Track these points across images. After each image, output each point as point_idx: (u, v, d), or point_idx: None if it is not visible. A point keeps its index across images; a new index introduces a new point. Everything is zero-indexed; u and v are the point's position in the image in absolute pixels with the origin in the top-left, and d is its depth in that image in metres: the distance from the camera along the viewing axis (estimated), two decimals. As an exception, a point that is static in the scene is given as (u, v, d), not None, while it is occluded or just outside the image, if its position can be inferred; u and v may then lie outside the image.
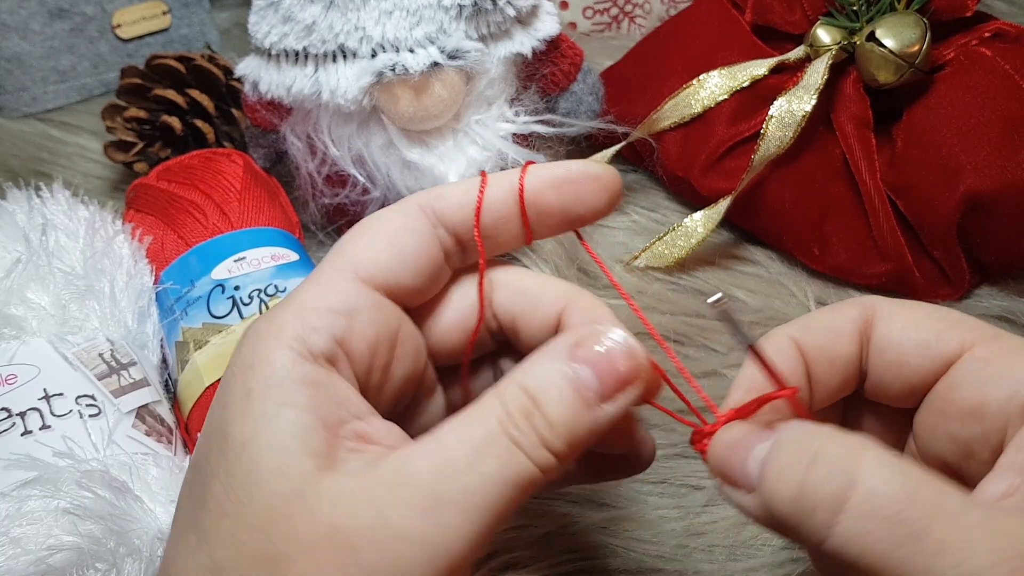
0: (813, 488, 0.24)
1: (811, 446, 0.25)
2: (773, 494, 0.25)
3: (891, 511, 0.23)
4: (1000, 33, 0.54)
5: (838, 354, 0.30)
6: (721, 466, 0.28)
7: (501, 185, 0.32)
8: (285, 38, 0.50)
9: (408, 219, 0.31)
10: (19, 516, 0.35)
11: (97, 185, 0.67)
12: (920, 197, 0.53)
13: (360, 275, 0.30)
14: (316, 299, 0.29)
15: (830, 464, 0.24)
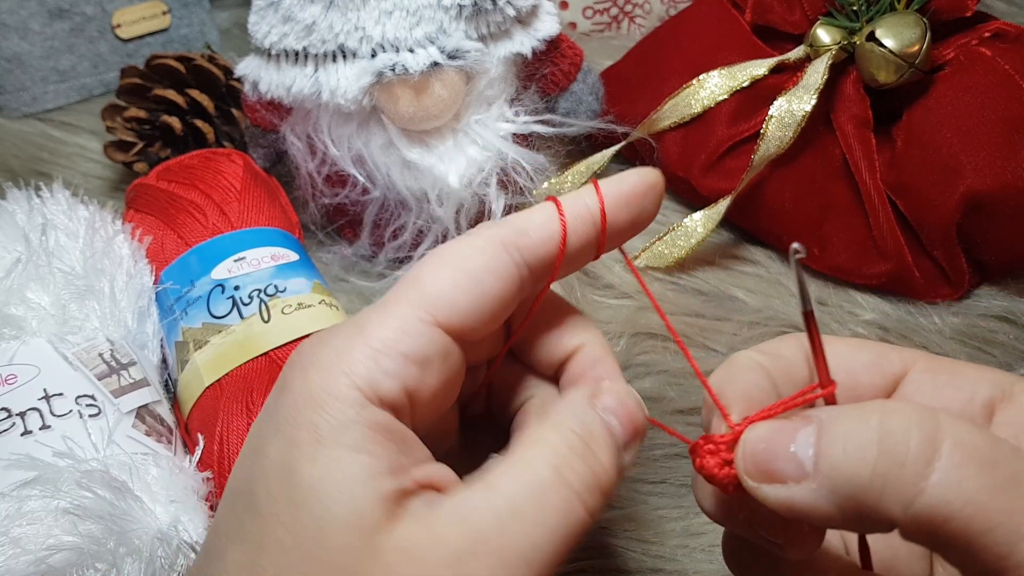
0: (896, 441, 0.22)
1: (873, 407, 0.24)
2: (844, 464, 0.23)
3: (985, 456, 0.22)
4: (1000, 33, 0.54)
5: (799, 378, 0.30)
6: (760, 463, 0.25)
7: (578, 210, 0.31)
8: (285, 38, 0.50)
9: (492, 259, 0.29)
10: (19, 516, 0.35)
11: (97, 185, 0.67)
12: (920, 197, 0.53)
13: (438, 318, 0.28)
14: (390, 339, 0.27)
15: (908, 415, 0.23)
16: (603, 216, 0.31)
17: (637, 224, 0.33)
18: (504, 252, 0.29)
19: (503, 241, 0.29)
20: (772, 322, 0.54)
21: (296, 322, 0.46)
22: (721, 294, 0.57)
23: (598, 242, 0.31)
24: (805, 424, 0.25)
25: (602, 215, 0.31)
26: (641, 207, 0.32)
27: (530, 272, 0.30)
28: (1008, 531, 0.21)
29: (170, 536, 0.37)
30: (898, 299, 0.55)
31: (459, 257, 0.29)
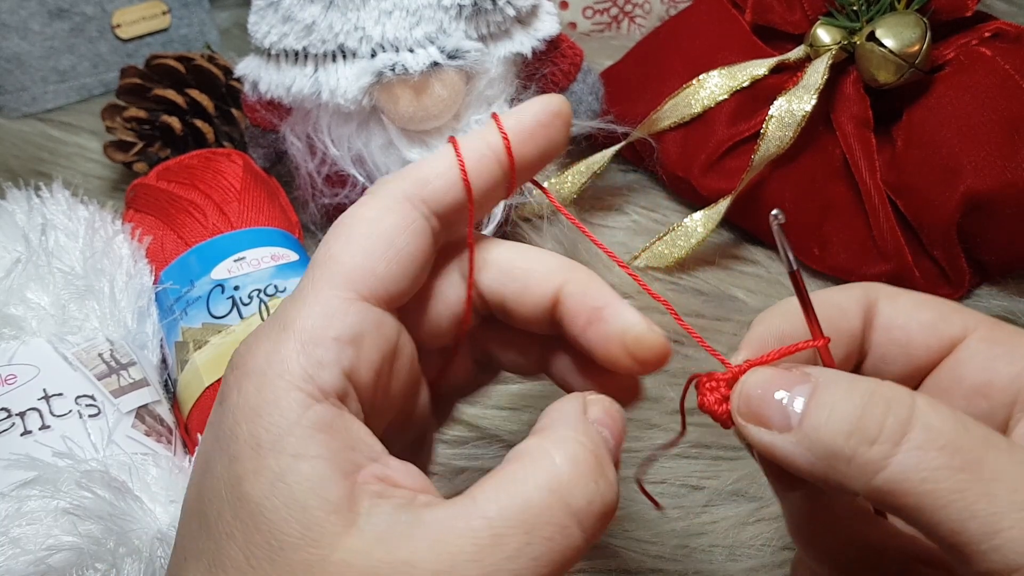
0: (873, 421, 0.24)
1: (863, 385, 0.25)
2: (824, 429, 0.25)
3: (949, 441, 0.24)
4: (1000, 33, 0.54)
5: (843, 328, 0.30)
6: (752, 406, 0.27)
7: (479, 149, 0.29)
8: (285, 38, 0.50)
9: (400, 217, 0.28)
10: (19, 516, 0.35)
11: (97, 185, 0.67)
12: (920, 197, 0.53)
13: (360, 292, 0.27)
14: (317, 327, 0.26)
15: (889, 399, 0.25)
16: (509, 152, 0.29)
17: (546, 155, 0.31)
18: (410, 207, 0.28)
19: (406, 196, 0.28)
20: (772, 322, 0.54)
21: (296, 322, 0.46)
22: (721, 294, 0.57)
23: (507, 179, 0.30)
24: (803, 381, 0.26)
25: (508, 151, 0.29)
26: (547, 137, 0.30)
27: (440, 221, 0.29)
28: (959, 508, 0.23)
29: (170, 536, 0.37)
30: (898, 299, 0.55)
31: (366, 223, 0.28)
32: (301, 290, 0.27)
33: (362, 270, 0.27)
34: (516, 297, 0.30)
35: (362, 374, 0.27)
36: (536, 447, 0.26)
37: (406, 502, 0.25)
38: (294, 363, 0.25)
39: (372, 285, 0.27)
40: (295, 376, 0.25)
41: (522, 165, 0.30)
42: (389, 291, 0.28)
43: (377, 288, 0.27)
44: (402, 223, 0.28)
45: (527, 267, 0.31)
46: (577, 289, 0.30)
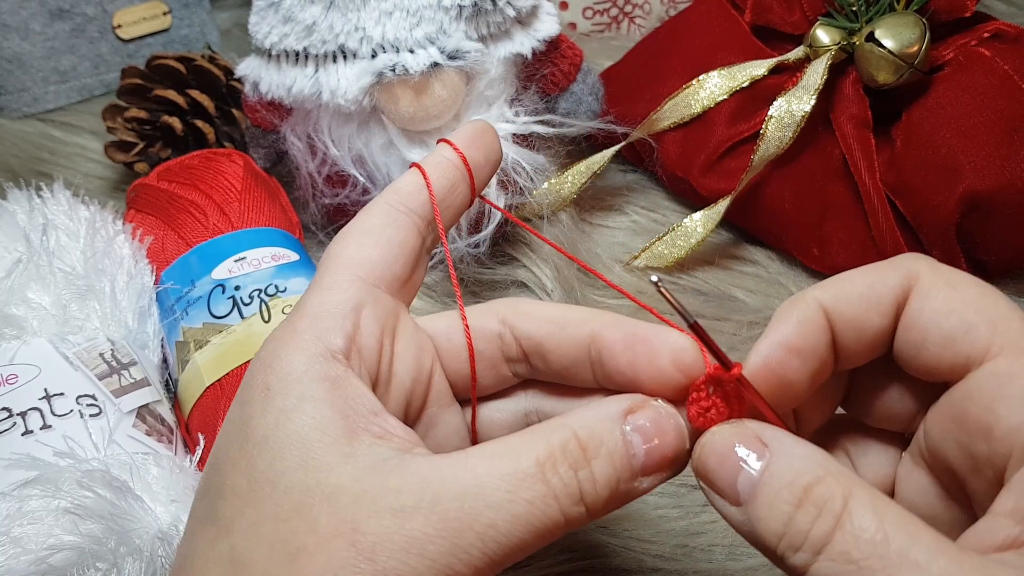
0: (800, 528, 0.25)
1: (802, 481, 0.25)
2: (761, 523, 0.26)
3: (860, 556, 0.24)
4: (999, 33, 0.54)
5: (870, 326, 0.29)
6: (707, 473, 0.28)
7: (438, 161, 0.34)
8: (285, 38, 0.50)
9: (383, 216, 0.32)
10: (20, 516, 0.35)
11: (98, 185, 0.67)
12: (919, 197, 0.53)
13: (358, 274, 0.31)
14: (325, 301, 0.30)
15: (820, 505, 0.25)
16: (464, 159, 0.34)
17: (491, 161, 0.36)
18: (392, 208, 0.33)
19: (387, 201, 0.33)
20: (772, 322, 0.54)
21: (296, 322, 0.46)
22: (721, 294, 0.57)
23: (468, 185, 0.35)
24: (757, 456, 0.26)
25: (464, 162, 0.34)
26: (488, 145, 0.35)
27: (422, 218, 0.33)
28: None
29: (171, 535, 0.37)
30: (898, 299, 0.55)
31: (357, 226, 0.32)
32: (310, 285, 0.31)
33: (358, 257, 0.31)
34: (553, 339, 0.33)
35: (364, 339, 0.30)
36: (538, 427, 0.28)
37: (402, 448, 0.27)
38: (304, 330, 0.29)
39: (367, 268, 0.31)
40: (303, 340, 0.28)
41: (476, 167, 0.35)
42: (385, 274, 0.32)
43: (373, 271, 0.31)
44: (386, 220, 0.32)
45: (562, 314, 0.33)
46: (612, 322, 0.32)
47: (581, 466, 0.26)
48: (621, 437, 0.27)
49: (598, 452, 0.27)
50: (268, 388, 0.27)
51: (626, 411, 0.28)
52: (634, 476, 0.28)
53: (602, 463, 0.27)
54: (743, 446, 0.27)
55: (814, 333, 0.29)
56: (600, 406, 0.28)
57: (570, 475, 0.26)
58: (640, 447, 0.28)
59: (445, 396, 0.34)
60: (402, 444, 0.27)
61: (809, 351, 0.28)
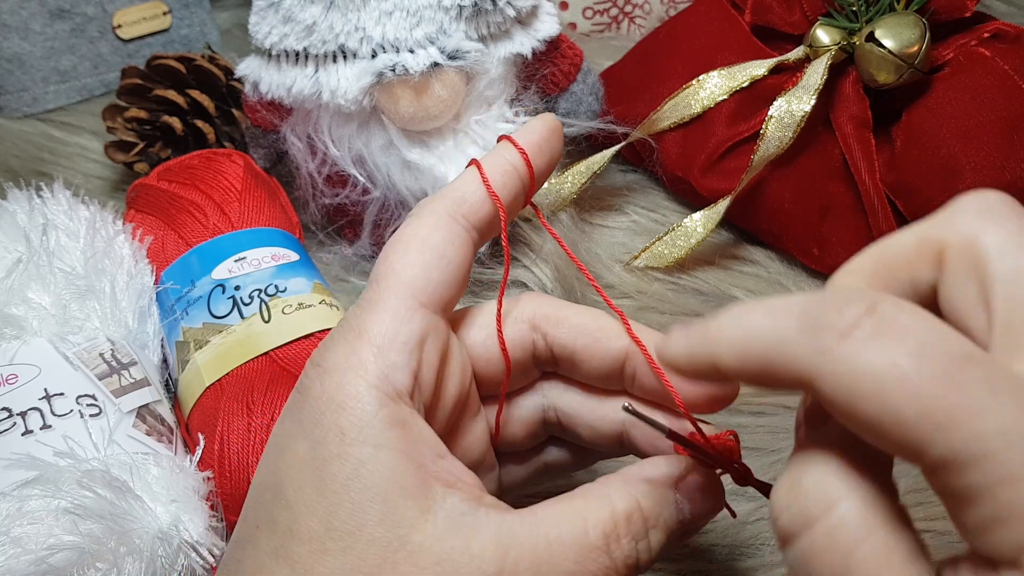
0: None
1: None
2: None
3: None
4: (999, 33, 0.54)
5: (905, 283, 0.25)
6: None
7: (502, 167, 0.33)
8: (285, 38, 0.50)
9: (447, 232, 0.31)
10: (20, 516, 0.35)
11: (98, 185, 0.67)
12: (919, 197, 0.53)
13: (420, 299, 0.30)
14: (390, 333, 0.29)
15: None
16: (529, 167, 0.33)
17: (551, 165, 0.35)
18: (454, 223, 0.32)
19: (450, 213, 0.32)
20: (772, 322, 0.54)
21: (297, 322, 0.46)
22: (721, 294, 0.57)
23: (525, 191, 0.34)
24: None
25: (528, 167, 0.33)
26: (552, 149, 0.35)
27: (478, 233, 0.33)
28: None
29: (171, 536, 0.37)
30: (897, 299, 0.55)
31: (419, 239, 0.31)
32: (369, 301, 0.30)
33: (421, 280, 0.30)
34: (588, 350, 0.33)
35: (425, 375, 0.30)
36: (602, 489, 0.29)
37: (473, 497, 0.27)
38: (371, 365, 0.28)
39: (430, 293, 0.30)
40: (372, 376, 0.28)
41: (537, 177, 0.34)
42: (443, 298, 0.31)
43: (433, 296, 0.30)
44: (449, 237, 0.31)
45: (596, 324, 0.33)
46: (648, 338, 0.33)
47: (641, 537, 0.28)
48: (675, 505, 0.29)
49: (657, 523, 0.29)
50: (343, 432, 0.27)
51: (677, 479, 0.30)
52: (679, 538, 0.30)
53: (659, 533, 0.29)
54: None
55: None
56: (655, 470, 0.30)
57: (631, 546, 0.28)
58: (687, 512, 0.30)
59: (475, 406, 0.34)
60: (471, 492, 0.28)
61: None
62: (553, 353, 0.34)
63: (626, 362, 0.33)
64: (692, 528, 0.30)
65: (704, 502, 0.30)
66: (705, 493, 0.30)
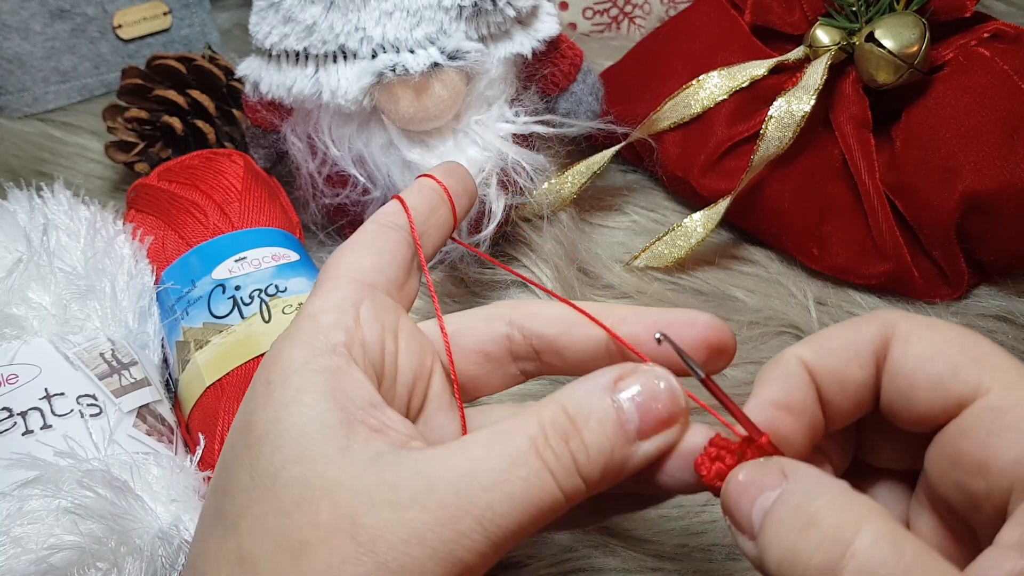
0: (804, 555, 0.23)
1: (810, 507, 0.24)
2: (767, 550, 0.25)
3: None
4: (999, 33, 0.54)
5: (851, 378, 0.28)
6: (729, 508, 0.27)
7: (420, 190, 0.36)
8: (286, 39, 0.50)
9: (375, 231, 0.34)
10: (20, 515, 0.35)
11: (98, 185, 0.67)
12: (919, 197, 0.53)
13: (355, 276, 0.32)
14: (324, 300, 0.31)
15: (825, 532, 0.23)
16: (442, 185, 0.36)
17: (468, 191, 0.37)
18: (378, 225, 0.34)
19: (374, 220, 0.34)
20: (772, 322, 0.54)
21: (297, 322, 0.46)
22: (721, 294, 0.57)
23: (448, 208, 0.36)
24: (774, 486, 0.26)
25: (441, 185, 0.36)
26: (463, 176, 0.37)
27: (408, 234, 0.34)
28: None
29: (171, 535, 0.37)
30: (897, 299, 0.56)
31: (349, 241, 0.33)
32: (312, 290, 0.32)
33: (354, 264, 0.32)
34: (567, 335, 0.33)
35: (366, 334, 0.30)
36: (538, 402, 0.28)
37: (399, 442, 0.27)
38: (305, 329, 0.29)
39: (362, 272, 0.32)
40: (305, 335, 0.29)
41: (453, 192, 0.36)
42: (378, 277, 0.32)
43: (368, 274, 0.32)
44: (377, 232, 0.33)
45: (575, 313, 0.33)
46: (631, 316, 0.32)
47: (571, 436, 0.26)
48: (611, 405, 0.27)
49: (587, 422, 0.27)
50: (269, 382, 0.28)
51: (615, 379, 0.28)
52: (630, 441, 0.27)
53: (593, 432, 0.27)
54: (763, 479, 0.26)
55: (799, 388, 0.28)
56: (589, 379, 0.28)
57: (561, 447, 0.26)
58: (633, 412, 0.27)
59: (444, 398, 0.34)
60: (398, 439, 0.27)
61: (799, 406, 0.28)
62: (532, 346, 0.34)
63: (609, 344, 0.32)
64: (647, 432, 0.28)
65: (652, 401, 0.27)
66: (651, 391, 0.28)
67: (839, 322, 0.29)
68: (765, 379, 0.29)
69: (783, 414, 0.28)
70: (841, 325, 0.29)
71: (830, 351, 0.28)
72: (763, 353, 0.53)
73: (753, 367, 0.52)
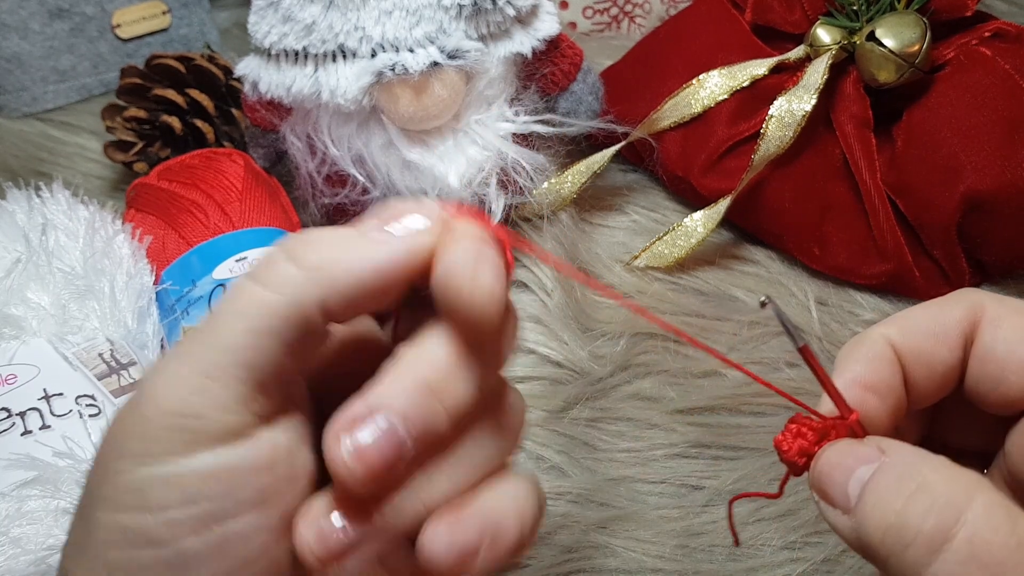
0: (914, 520, 0.23)
1: (918, 475, 0.23)
2: (868, 519, 0.24)
3: (995, 560, 0.21)
4: (1000, 33, 0.54)
5: (939, 360, 0.27)
6: (821, 482, 0.26)
7: None
8: (285, 38, 0.50)
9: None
10: (19, 516, 0.35)
11: (97, 185, 0.67)
12: (920, 197, 0.53)
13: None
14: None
15: (936, 497, 0.23)
16: None
17: None
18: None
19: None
20: (772, 322, 0.54)
21: (296, 322, 0.46)
22: (721, 294, 0.57)
23: None
24: (871, 460, 0.25)
25: None
26: None
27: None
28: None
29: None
30: (898, 299, 0.55)
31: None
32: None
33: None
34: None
35: None
36: None
37: None
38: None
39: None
40: None
41: None
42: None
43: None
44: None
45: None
46: None
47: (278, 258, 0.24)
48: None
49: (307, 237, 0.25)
50: None
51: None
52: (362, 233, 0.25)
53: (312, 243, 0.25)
54: (860, 452, 0.25)
55: (887, 369, 0.27)
56: None
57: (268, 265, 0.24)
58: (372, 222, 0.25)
59: None
60: None
61: (884, 387, 0.27)
62: None
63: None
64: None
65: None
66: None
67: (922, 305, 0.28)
68: (851, 358, 0.28)
69: (868, 394, 0.27)
70: (927, 305, 0.28)
71: (918, 331, 0.28)
72: (763, 353, 0.53)
73: (754, 367, 0.51)
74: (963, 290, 0.28)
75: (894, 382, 0.27)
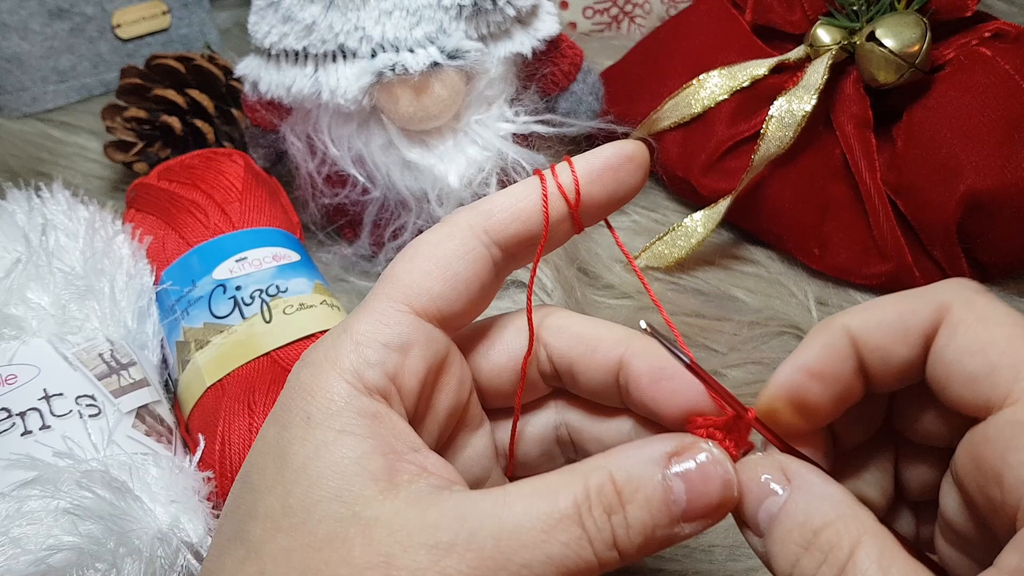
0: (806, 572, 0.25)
1: (813, 523, 0.25)
2: (776, 557, 0.26)
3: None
4: (1000, 33, 0.54)
5: (896, 355, 0.28)
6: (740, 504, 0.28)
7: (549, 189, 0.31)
8: (285, 38, 0.50)
9: (460, 243, 0.30)
10: (19, 516, 0.35)
11: (97, 185, 0.67)
12: (920, 197, 0.53)
13: (414, 306, 0.30)
14: (371, 331, 0.29)
15: (825, 551, 0.25)
16: (577, 194, 0.31)
17: (615, 199, 0.32)
18: (472, 235, 0.30)
19: (470, 225, 0.30)
20: (772, 322, 0.54)
21: (298, 322, 0.46)
22: (721, 294, 0.57)
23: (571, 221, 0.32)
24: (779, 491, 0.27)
25: (576, 193, 0.31)
26: (616, 180, 0.32)
27: (503, 251, 0.31)
28: None
29: (170, 536, 0.37)
30: (898, 299, 0.55)
31: (429, 247, 0.30)
32: (365, 300, 0.30)
33: (417, 288, 0.30)
34: (584, 360, 0.32)
35: (406, 380, 0.29)
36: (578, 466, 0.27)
37: (442, 485, 0.27)
38: (346, 359, 0.28)
39: (425, 302, 0.30)
40: (345, 368, 0.28)
41: (589, 205, 0.32)
42: (442, 310, 0.30)
43: (430, 306, 0.30)
44: (461, 249, 0.30)
45: (594, 333, 0.32)
46: (641, 351, 0.31)
47: (615, 511, 0.26)
48: (660, 482, 0.26)
49: (634, 497, 0.26)
50: (309, 417, 0.27)
51: (670, 454, 0.27)
52: (674, 522, 0.27)
53: (637, 508, 0.26)
54: (766, 484, 0.27)
55: (838, 358, 0.28)
56: (642, 447, 0.27)
57: (604, 519, 0.26)
58: (682, 493, 0.27)
59: (476, 419, 0.34)
60: (441, 481, 0.27)
61: (831, 376, 0.28)
62: (554, 365, 0.33)
63: (619, 372, 0.31)
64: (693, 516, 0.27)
65: (703, 485, 0.27)
66: (705, 474, 0.27)
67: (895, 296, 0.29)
68: (808, 343, 0.28)
69: (812, 381, 0.28)
70: (899, 297, 0.28)
71: (880, 325, 0.28)
72: (763, 353, 0.52)
73: (754, 367, 0.51)
74: (943, 282, 0.28)
75: (843, 372, 0.28)
